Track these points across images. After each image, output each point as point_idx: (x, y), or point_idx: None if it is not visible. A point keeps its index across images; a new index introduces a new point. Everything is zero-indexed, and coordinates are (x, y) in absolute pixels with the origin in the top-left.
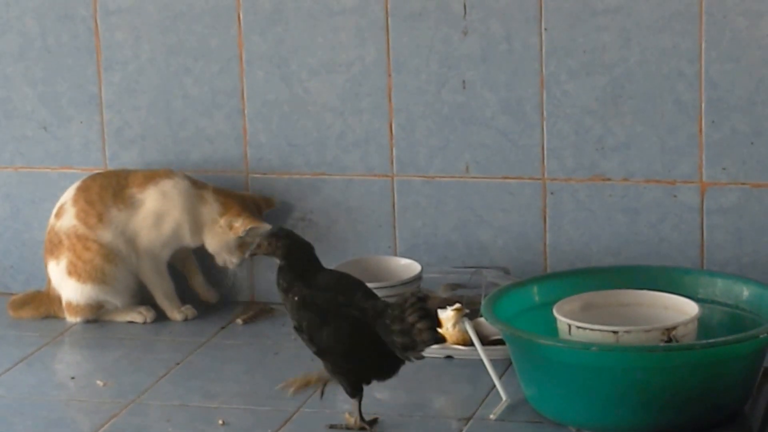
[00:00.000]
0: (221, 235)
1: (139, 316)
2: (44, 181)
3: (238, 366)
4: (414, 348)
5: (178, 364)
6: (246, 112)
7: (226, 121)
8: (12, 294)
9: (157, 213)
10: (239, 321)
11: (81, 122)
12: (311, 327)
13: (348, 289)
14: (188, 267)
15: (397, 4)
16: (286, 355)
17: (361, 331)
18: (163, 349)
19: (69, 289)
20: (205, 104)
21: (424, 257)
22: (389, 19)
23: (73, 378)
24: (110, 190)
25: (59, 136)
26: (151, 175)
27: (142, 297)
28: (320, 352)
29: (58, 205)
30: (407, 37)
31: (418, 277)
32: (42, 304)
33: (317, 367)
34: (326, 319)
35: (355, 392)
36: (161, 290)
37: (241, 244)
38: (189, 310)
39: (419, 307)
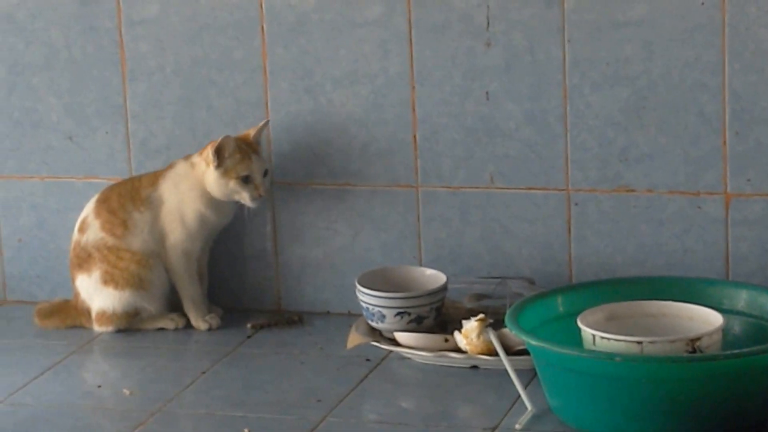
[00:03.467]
0: (211, 178)
1: (170, 322)
2: (70, 191)
3: (263, 375)
4: None
5: (204, 372)
6: (271, 123)
7: None
8: (38, 303)
9: (177, 206)
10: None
11: (106, 132)
12: None
13: None
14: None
15: (421, 16)
16: (312, 365)
17: None
18: (189, 357)
19: (105, 297)
20: (229, 115)
21: (449, 267)
22: (413, 30)
23: (99, 386)
24: (127, 196)
25: (85, 146)
26: (157, 172)
27: (174, 303)
28: None
29: (80, 219)
30: (431, 49)
31: (443, 288)
32: (69, 314)
33: (345, 376)
34: None
35: None
36: (189, 294)
37: (236, 177)
38: (213, 320)
39: None
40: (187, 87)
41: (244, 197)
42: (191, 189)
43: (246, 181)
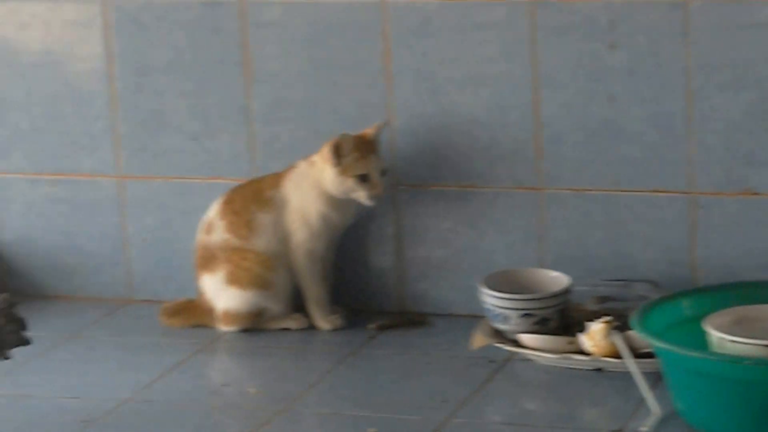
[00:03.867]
0: (329, 176)
1: (294, 322)
2: (194, 192)
3: (388, 375)
4: (1, 349)
5: (328, 372)
6: (394, 124)
7: None
8: (163, 302)
9: (300, 206)
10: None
11: (230, 133)
12: None
13: None
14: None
15: (544, 18)
16: (437, 365)
17: None
18: (313, 357)
19: (230, 297)
20: (352, 117)
21: (572, 270)
22: (536, 32)
23: (225, 385)
24: (251, 197)
25: (209, 147)
26: (280, 173)
27: (299, 303)
28: None
29: (205, 221)
30: (554, 51)
31: (567, 290)
32: (194, 313)
33: (469, 377)
34: None
35: None
36: (313, 294)
37: (354, 175)
38: (337, 320)
39: (8, 312)
40: (311, 89)
41: (362, 196)
42: (312, 188)
43: (364, 179)
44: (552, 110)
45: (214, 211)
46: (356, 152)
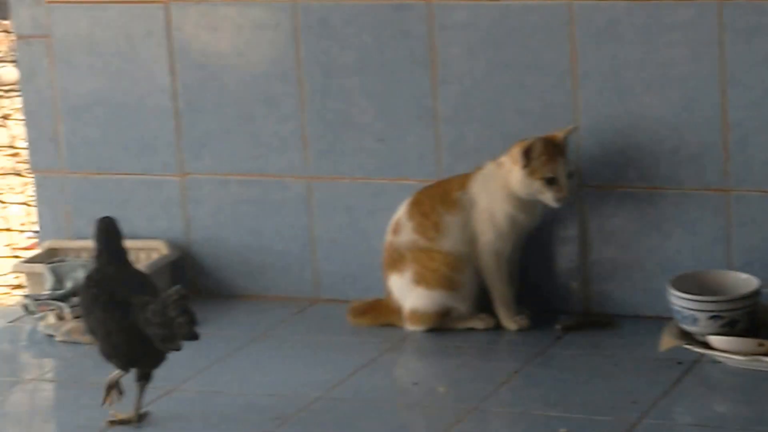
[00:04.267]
0: (516, 177)
1: (480, 322)
2: (381, 192)
3: (576, 376)
4: (173, 340)
5: (516, 372)
6: (579, 126)
7: None
8: (349, 302)
9: (487, 207)
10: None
11: (416, 135)
12: (83, 309)
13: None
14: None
15: (732, 18)
16: (625, 366)
17: (119, 322)
18: (501, 357)
19: (416, 297)
20: (538, 118)
21: (761, 272)
22: (724, 33)
23: (415, 384)
24: (438, 198)
25: (395, 148)
26: (467, 174)
27: (485, 303)
28: (90, 333)
29: (393, 221)
30: (742, 51)
31: (756, 292)
32: (381, 313)
33: (658, 378)
34: (92, 306)
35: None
36: (499, 294)
37: (541, 178)
38: (523, 320)
39: (181, 303)
40: (497, 90)
41: (548, 198)
42: (499, 189)
43: (551, 182)
44: (739, 111)
45: (402, 212)
46: (545, 155)
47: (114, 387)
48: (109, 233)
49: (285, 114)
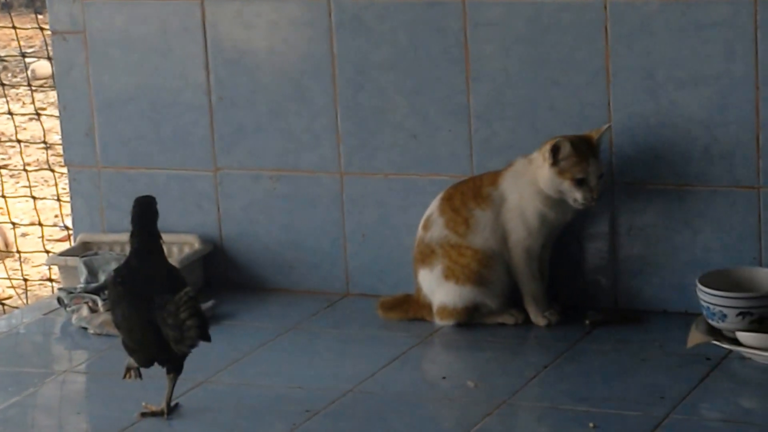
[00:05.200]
0: (544, 174)
1: (510, 318)
2: (413, 188)
3: (605, 371)
4: (183, 342)
5: (545, 367)
6: (612, 123)
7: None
8: (379, 296)
9: (518, 204)
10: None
11: (449, 131)
12: (110, 303)
13: (154, 280)
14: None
15: (765, 16)
16: (654, 362)
17: (141, 319)
18: (531, 352)
19: (446, 292)
20: (571, 116)
21: None
22: (758, 31)
23: (444, 378)
24: (470, 194)
25: (428, 144)
26: (498, 171)
27: (514, 299)
28: (116, 327)
29: (424, 217)
30: None
31: None
32: (411, 307)
33: (686, 374)
34: (119, 301)
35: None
36: (530, 290)
37: (571, 179)
38: (553, 316)
39: (191, 305)
40: (530, 87)
41: (577, 198)
42: (529, 186)
43: (580, 183)
44: None
45: (433, 208)
46: (575, 156)
47: (133, 368)
48: (143, 214)
49: (318, 110)
